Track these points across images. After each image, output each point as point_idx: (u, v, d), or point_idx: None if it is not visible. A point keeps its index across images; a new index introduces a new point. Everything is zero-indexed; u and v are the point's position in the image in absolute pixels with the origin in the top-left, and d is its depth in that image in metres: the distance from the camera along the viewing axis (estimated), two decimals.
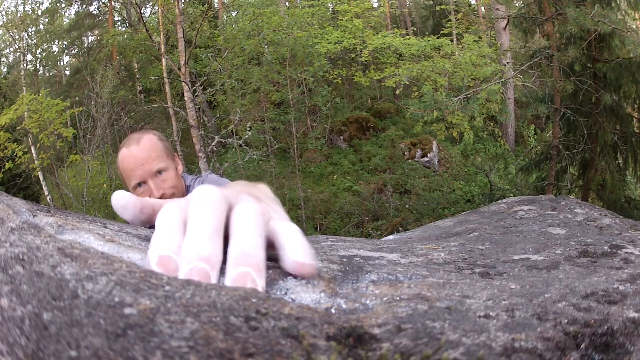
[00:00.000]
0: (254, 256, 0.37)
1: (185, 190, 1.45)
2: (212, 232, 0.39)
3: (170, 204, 0.43)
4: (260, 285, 0.36)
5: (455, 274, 0.52)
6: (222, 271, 0.38)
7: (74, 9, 15.87)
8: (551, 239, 0.81)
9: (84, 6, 15.66)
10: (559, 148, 5.53)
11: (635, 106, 5.66)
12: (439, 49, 9.49)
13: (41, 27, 14.54)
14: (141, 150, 1.36)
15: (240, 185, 0.54)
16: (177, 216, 0.41)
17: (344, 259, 0.55)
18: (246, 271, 0.36)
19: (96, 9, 15.99)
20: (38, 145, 9.20)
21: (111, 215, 10.14)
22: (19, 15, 12.88)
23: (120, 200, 0.46)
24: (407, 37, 10.37)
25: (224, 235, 0.40)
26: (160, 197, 1.33)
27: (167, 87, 9.47)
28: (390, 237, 1.31)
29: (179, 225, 0.40)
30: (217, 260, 0.37)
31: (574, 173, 5.95)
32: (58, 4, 14.94)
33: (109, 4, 15.02)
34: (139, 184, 1.35)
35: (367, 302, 0.38)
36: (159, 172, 1.37)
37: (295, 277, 0.40)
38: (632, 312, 0.38)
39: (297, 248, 0.40)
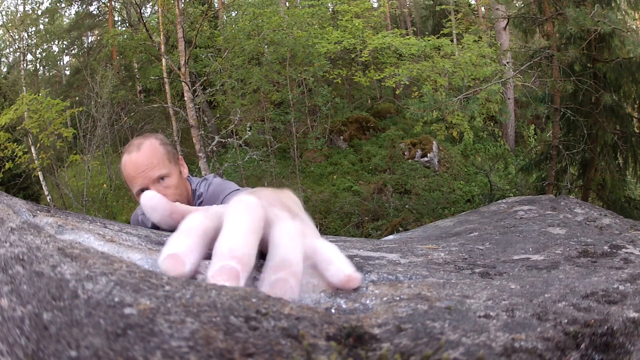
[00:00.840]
0: (294, 265, 0.37)
1: (192, 194, 1.42)
2: (248, 232, 0.38)
3: (197, 213, 0.43)
4: (295, 292, 0.36)
5: (455, 274, 0.52)
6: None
7: (74, 9, 15.88)
8: (551, 239, 0.81)
9: (84, 6, 15.67)
10: (559, 148, 5.53)
11: (635, 106, 5.66)
12: (439, 49, 9.49)
13: (41, 27, 14.55)
14: (141, 156, 1.32)
15: (269, 193, 0.54)
16: (199, 222, 0.41)
17: None
18: (285, 277, 0.36)
19: (96, 9, 15.99)
20: (38, 145, 9.20)
21: (111, 215, 10.14)
22: (19, 15, 12.89)
23: (150, 201, 0.45)
24: (407, 37, 10.37)
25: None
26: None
27: (167, 87, 9.48)
28: (390, 237, 1.31)
29: (198, 231, 0.40)
30: (250, 262, 0.37)
31: (574, 173, 5.95)
32: (58, 4, 14.95)
33: (109, 4, 15.03)
34: (142, 190, 1.32)
35: (367, 302, 0.38)
36: (161, 178, 1.33)
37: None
38: (632, 312, 0.38)
39: (342, 262, 0.41)
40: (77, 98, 11.68)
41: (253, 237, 0.38)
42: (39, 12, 14.03)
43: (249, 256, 0.37)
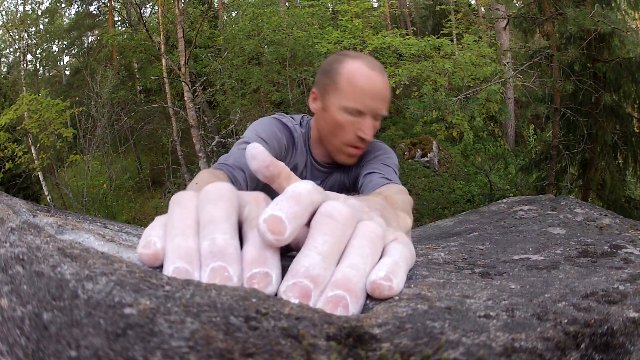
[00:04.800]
0: (354, 283, 0.36)
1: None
2: (330, 254, 0.37)
3: (305, 181, 0.41)
4: (350, 311, 0.35)
5: (455, 274, 0.52)
6: None
7: (74, 9, 15.87)
8: (551, 239, 0.81)
9: (84, 6, 15.66)
10: (559, 148, 5.53)
11: (635, 106, 5.65)
12: (439, 49, 9.48)
13: (41, 27, 14.53)
14: (384, 84, 1.11)
15: (358, 199, 0.50)
16: (307, 191, 0.39)
17: None
18: (342, 295, 0.35)
19: (96, 9, 15.98)
20: (38, 145, 9.19)
21: (111, 215, 10.14)
22: (19, 15, 12.89)
23: (254, 149, 0.44)
24: (407, 37, 10.36)
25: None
26: (363, 142, 1.13)
27: (167, 87, 9.48)
28: None
29: (306, 201, 0.38)
30: (324, 281, 0.36)
31: (574, 173, 5.95)
32: (58, 4, 14.94)
33: (109, 4, 15.02)
34: (359, 112, 1.10)
35: (367, 302, 0.38)
36: (379, 117, 1.13)
37: None
38: (632, 312, 0.38)
39: (380, 268, 0.39)
40: (77, 98, 11.67)
41: (334, 258, 0.38)
42: (39, 12, 14.02)
43: (323, 277, 0.36)
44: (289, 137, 1.19)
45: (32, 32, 13.97)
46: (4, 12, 12.99)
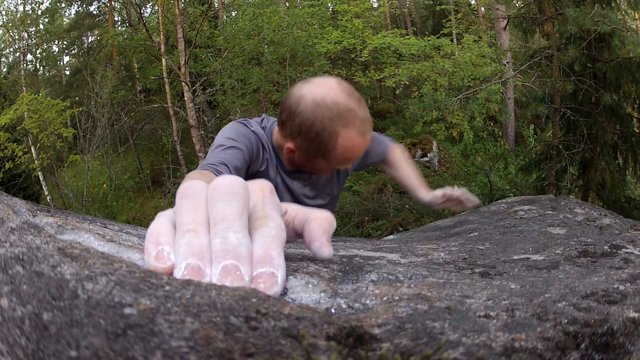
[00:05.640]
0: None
1: None
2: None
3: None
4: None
5: (455, 274, 0.52)
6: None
7: (74, 9, 15.87)
8: (551, 239, 0.81)
9: (84, 6, 15.66)
10: (559, 148, 5.52)
11: (635, 106, 5.65)
12: (439, 49, 9.48)
13: (41, 27, 14.53)
14: (368, 143, 1.11)
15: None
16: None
17: (344, 259, 0.55)
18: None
19: (96, 9, 15.98)
20: (38, 145, 9.19)
21: (111, 215, 10.14)
22: (19, 15, 12.89)
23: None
24: (407, 37, 10.35)
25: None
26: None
27: (167, 87, 9.48)
28: (390, 237, 1.31)
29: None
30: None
31: (574, 173, 5.94)
32: (58, 4, 14.94)
33: (109, 4, 15.02)
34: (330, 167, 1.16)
35: (367, 302, 0.38)
36: None
37: (295, 277, 0.41)
38: (632, 312, 0.38)
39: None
40: (77, 98, 11.68)
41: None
42: (39, 12, 14.02)
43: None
44: (255, 138, 1.24)
45: (32, 32, 13.97)
46: (4, 12, 12.99)
